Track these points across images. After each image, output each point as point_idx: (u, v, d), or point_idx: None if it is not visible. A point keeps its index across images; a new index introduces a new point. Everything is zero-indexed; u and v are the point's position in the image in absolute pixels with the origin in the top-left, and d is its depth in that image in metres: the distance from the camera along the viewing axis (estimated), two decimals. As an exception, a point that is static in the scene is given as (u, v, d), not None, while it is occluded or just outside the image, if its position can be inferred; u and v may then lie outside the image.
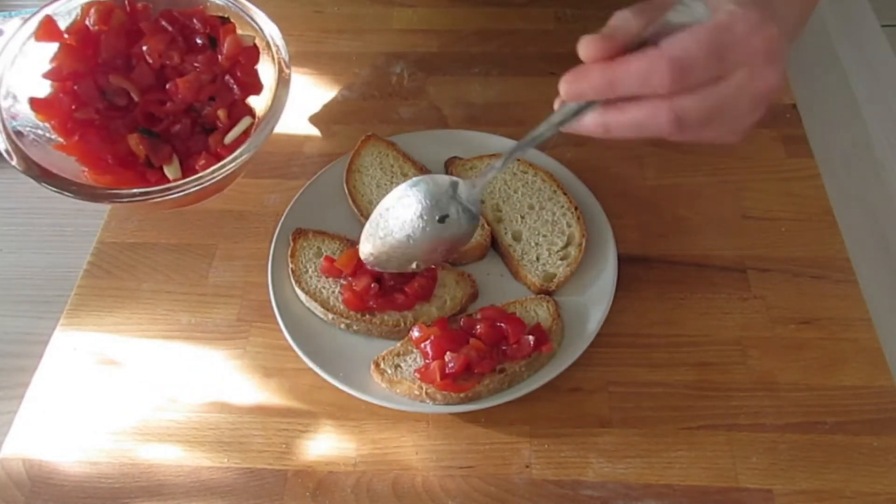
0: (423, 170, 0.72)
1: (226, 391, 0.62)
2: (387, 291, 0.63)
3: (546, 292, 0.64)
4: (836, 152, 0.77)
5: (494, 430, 0.59)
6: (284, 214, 0.69)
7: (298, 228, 0.68)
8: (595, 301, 0.63)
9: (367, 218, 0.68)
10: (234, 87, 0.68)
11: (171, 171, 0.65)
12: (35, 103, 0.64)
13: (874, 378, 0.60)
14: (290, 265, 0.66)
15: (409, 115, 0.81)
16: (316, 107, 0.82)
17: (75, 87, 0.64)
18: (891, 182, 0.75)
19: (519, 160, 0.72)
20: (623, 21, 0.47)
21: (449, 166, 0.73)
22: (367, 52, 0.87)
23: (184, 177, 0.64)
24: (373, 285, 0.62)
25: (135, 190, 0.62)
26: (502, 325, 0.60)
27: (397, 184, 0.70)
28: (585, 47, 0.48)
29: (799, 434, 0.58)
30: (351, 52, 0.87)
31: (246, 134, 0.68)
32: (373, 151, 0.73)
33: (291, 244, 0.67)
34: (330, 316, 0.63)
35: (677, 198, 0.72)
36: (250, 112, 0.69)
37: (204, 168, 0.64)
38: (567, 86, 0.49)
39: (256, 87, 0.69)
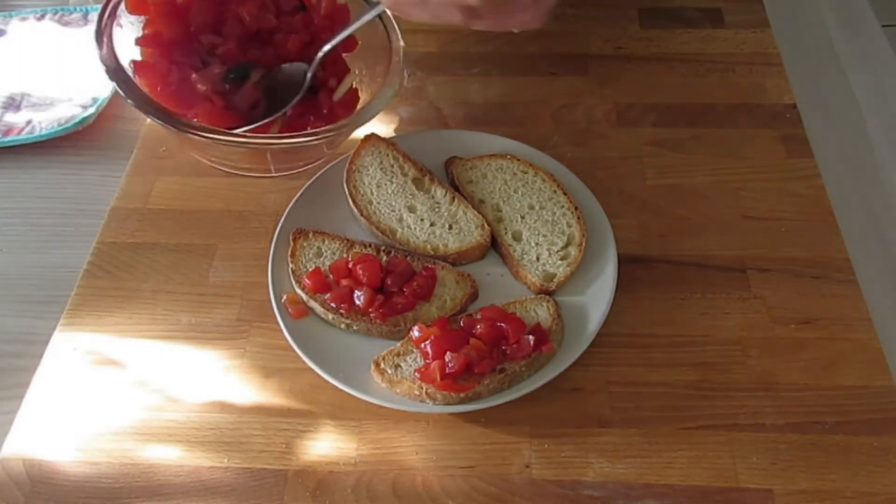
0: (423, 170, 0.72)
1: (226, 391, 0.62)
2: (388, 297, 0.63)
3: (546, 292, 0.64)
4: (836, 152, 0.77)
5: (494, 430, 0.59)
6: (284, 214, 0.69)
7: (298, 228, 0.68)
8: (595, 301, 0.63)
9: (367, 218, 0.69)
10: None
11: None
12: (137, 66, 0.65)
13: (874, 378, 0.60)
14: (290, 265, 0.66)
15: (409, 115, 0.81)
16: (316, 107, 0.82)
17: (171, 56, 0.65)
18: (891, 182, 0.75)
19: (519, 160, 0.72)
20: None
21: (449, 166, 0.73)
22: (367, 52, 0.87)
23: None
24: (378, 296, 0.62)
25: (240, 131, 0.63)
26: (502, 325, 0.60)
27: (397, 183, 0.71)
28: None
29: (799, 434, 0.58)
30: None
31: (352, 92, 0.69)
32: (373, 151, 0.73)
33: (291, 244, 0.67)
34: (330, 316, 0.63)
35: (677, 198, 0.72)
36: (348, 70, 0.70)
37: (315, 125, 0.65)
38: None
39: (352, 44, 0.71)
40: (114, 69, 0.63)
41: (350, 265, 0.64)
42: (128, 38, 0.67)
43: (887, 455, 0.57)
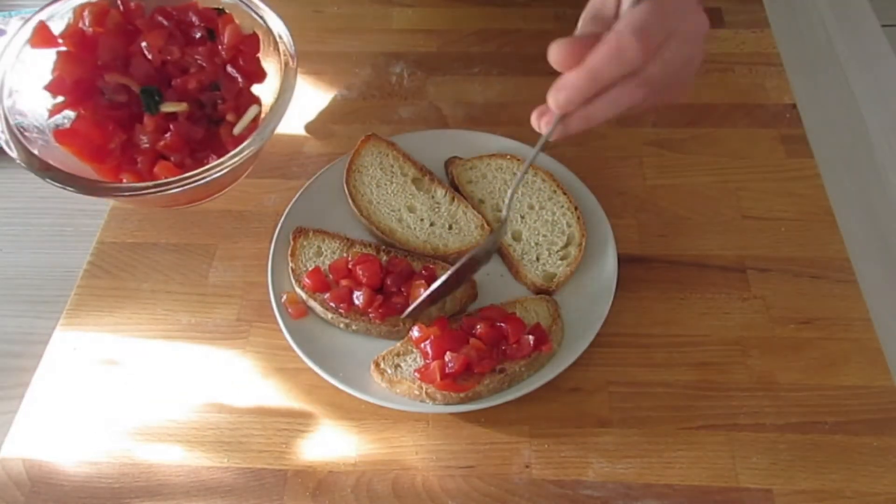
0: (423, 170, 0.72)
1: (226, 391, 0.62)
2: (387, 297, 0.63)
3: (546, 292, 0.64)
4: (836, 152, 0.77)
5: (494, 430, 0.59)
6: (284, 214, 0.69)
7: (299, 227, 0.68)
8: (595, 301, 0.63)
9: (366, 218, 0.69)
10: (238, 76, 0.68)
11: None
12: (57, 135, 0.64)
13: (874, 378, 0.60)
14: (291, 264, 0.66)
15: (409, 115, 0.81)
16: (316, 107, 0.82)
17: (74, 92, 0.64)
18: (891, 182, 0.75)
19: (519, 160, 0.72)
20: (582, 26, 0.53)
21: (449, 166, 0.73)
22: (367, 52, 0.87)
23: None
24: (377, 296, 0.62)
25: (138, 184, 0.62)
26: (502, 324, 0.60)
27: (397, 183, 0.71)
28: (555, 52, 0.52)
29: (799, 434, 0.58)
30: (351, 52, 0.87)
31: (255, 124, 0.68)
32: (373, 151, 0.73)
33: (292, 243, 0.67)
34: (329, 315, 0.63)
35: (677, 198, 0.72)
36: (256, 101, 0.69)
37: (213, 160, 0.64)
38: (556, 96, 0.53)
39: (260, 76, 0.70)
40: (19, 149, 0.62)
41: (350, 265, 0.64)
42: (30, 79, 0.66)
43: (887, 455, 0.57)
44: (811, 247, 0.68)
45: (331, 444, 0.59)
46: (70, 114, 0.66)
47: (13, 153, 0.62)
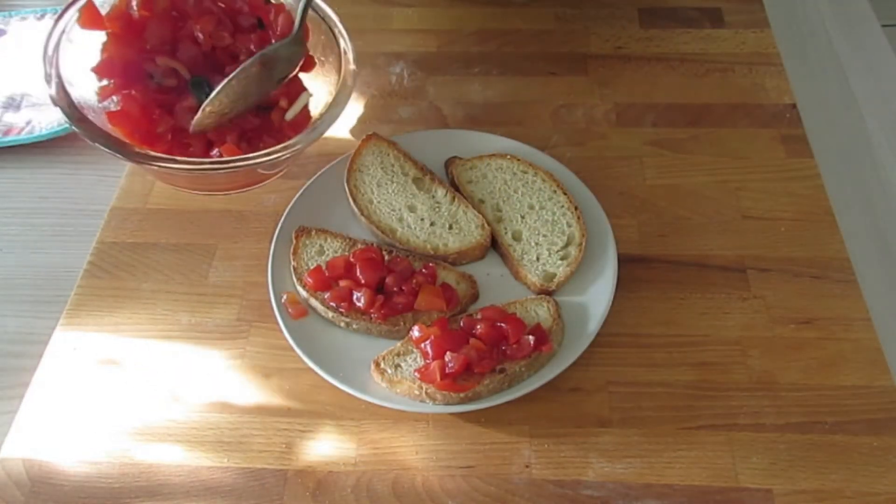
0: (423, 169, 0.72)
1: (226, 391, 0.62)
2: (388, 297, 0.63)
3: (546, 292, 0.64)
4: (836, 152, 0.77)
5: (494, 430, 0.59)
6: (285, 214, 0.69)
7: (301, 226, 0.68)
8: (595, 301, 0.63)
9: (367, 217, 0.69)
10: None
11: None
12: (110, 116, 0.64)
13: (874, 378, 0.60)
14: (293, 262, 0.66)
15: (409, 115, 0.81)
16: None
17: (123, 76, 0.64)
18: (891, 182, 0.75)
19: (518, 160, 0.72)
20: None
21: (449, 166, 0.73)
22: (367, 52, 0.87)
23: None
24: (378, 296, 0.62)
25: (187, 159, 0.62)
26: (502, 325, 0.60)
27: (398, 183, 0.71)
28: None
29: (799, 434, 0.58)
30: (351, 52, 0.87)
31: (305, 111, 0.68)
32: (373, 151, 0.73)
33: (294, 242, 0.67)
34: (330, 314, 0.63)
35: (677, 198, 0.72)
36: (305, 89, 0.69)
37: (268, 145, 0.64)
38: None
39: (309, 65, 0.70)
40: (68, 109, 0.62)
41: (350, 260, 0.64)
42: (79, 56, 0.65)
43: (887, 455, 0.57)
44: (811, 247, 0.68)
45: (331, 444, 0.59)
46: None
47: (71, 124, 0.61)
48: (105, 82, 0.65)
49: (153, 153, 0.62)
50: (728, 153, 0.76)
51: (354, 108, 0.82)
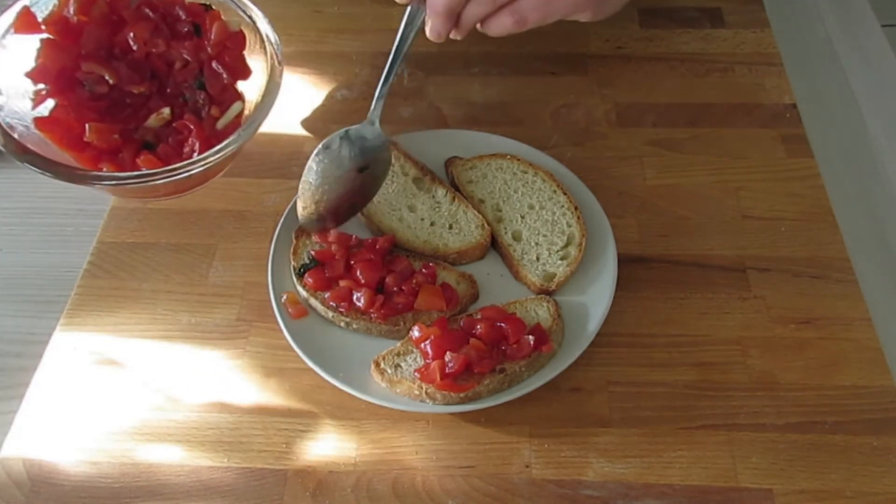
0: (423, 169, 0.72)
1: (226, 391, 0.62)
2: (388, 297, 0.63)
3: (546, 292, 0.64)
4: (836, 152, 0.77)
5: (494, 430, 0.59)
6: (285, 214, 0.69)
7: (301, 226, 0.68)
8: (595, 301, 0.63)
9: (367, 217, 0.69)
10: (223, 73, 0.68)
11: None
12: (38, 122, 0.64)
13: (874, 378, 0.60)
14: (293, 262, 0.66)
15: (409, 115, 0.81)
16: (316, 106, 0.82)
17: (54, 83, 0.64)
18: (891, 182, 0.75)
19: (518, 160, 0.72)
20: None
21: (449, 166, 0.73)
22: (367, 52, 0.87)
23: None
24: (378, 296, 0.62)
25: (119, 173, 0.62)
26: (502, 325, 0.60)
27: (398, 183, 0.71)
28: None
29: (799, 434, 0.58)
30: (351, 52, 0.87)
31: (238, 120, 0.68)
32: (373, 151, 0.73)
33: (294, 241, 0.67)
34: (330, 314, 0.63)
35: (677, 198, 0.72)
36: (240, 97, 0.69)
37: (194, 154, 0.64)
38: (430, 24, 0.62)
39: (245, 72, 0.70)
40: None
41: (348, 258, 0.65)
42: (12, 63, 0.65)
43: (887, 455, 0.57)
44: (811, 247, 0.68)
45: (331, 444, 0.59)
46: (51, 102, 0.65)
47: None
48: (40, 87, 0.65)
49: (82, 170, 0.63)
50: (728, 153, 0.76)
51: (355, 109, 0.82)
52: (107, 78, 0.65)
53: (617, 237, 0.67)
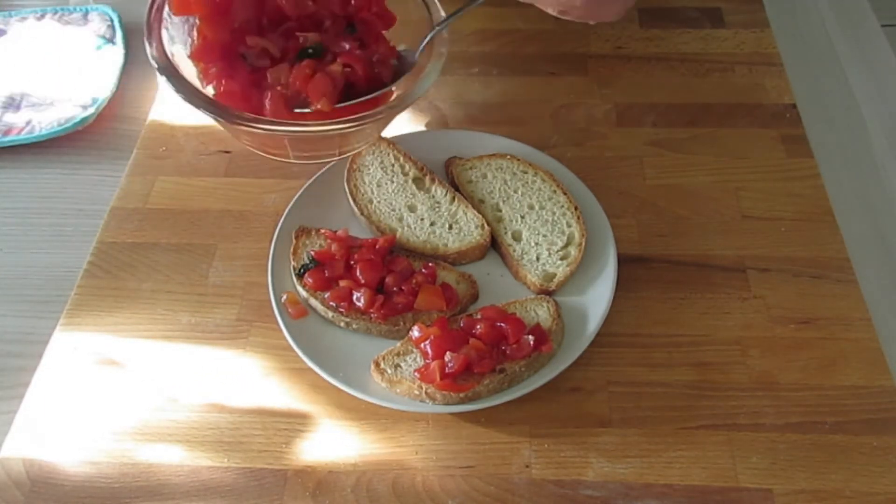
0: (423, 169, 0.72)
1: (226, 391, 0.62)
2: (388, 297, 0.63)
3: (546, 292, 0.64)
4: (836, 152, 0.77)
5: (494, 430, 0.59)
6: (285, 214, 0.69)
7: (301, 226, 0.68)
8: (595, 301, 0.63)
9: (367, 217, 0.69)
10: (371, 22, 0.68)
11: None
12: (217, 97, 0.64)
13: (874, 378, 0.60)
14: (293, 262, 0.66)
15: (409, 114, 0.81)
16: (316, 107, 0.82)
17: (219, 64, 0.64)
18: (891, 182, 0.75)
19: (518, 160, 0.72)
20: None
21: (449, 166, 0.73)
22: (367, 52, 0.86)
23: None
24: (378, 296, 0.62)
25: (294, 121, 0.61)
26: (502, 325, 0.60)
27: (398, 183, 0.71)
28: None
29: (799, 434, 0.58)
30: (351, 52, 0.87)
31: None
32: (373, 151, 0.73)
33: (294, 241, 0.67)
34: (330, 314, 0.63)
35: (677, 198, 0.72)
36: (394, 52, 0.69)
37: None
38: None
39: (390, 18, 0.69)
40: (164, 66, 0.63)
41: (348, 261, 0.64)
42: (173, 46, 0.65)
43: (887, 455, 0.57)
44: (811, 247, 0.68)
45: (331, 444, 0.59)
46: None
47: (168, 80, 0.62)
48: (204, 66, 0.65)
49: (254, 116, 0.62)
50: (728, 153, 0.76)
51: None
52: (269, 49, 0.64)
53: (617, 237, 0.67)
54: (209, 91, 0.64)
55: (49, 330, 0.66)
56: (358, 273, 0.63)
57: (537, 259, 0.66)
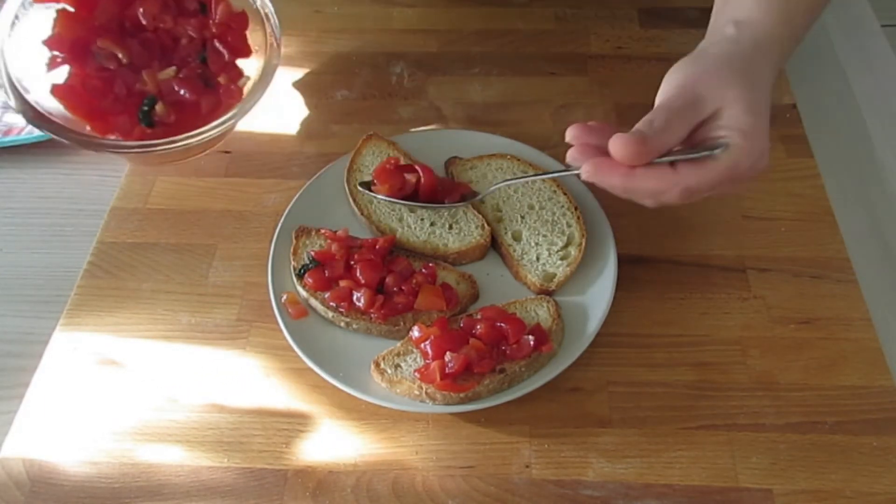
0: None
1: (226, 391, 0.62)
2: (388, 297, 0.63)
3: (546, 292, 0.64)
4: (836, 152, 0.77)
5: (494, 430, 0.59)
6: (285, 214, 0.69)
7: (301, 226, 0.68)
8: (595, 301, 0.63)
9: (367, 217, 0.69)
10: (224, 51, 0.72)
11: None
12: (55, 90, 0.68)
13: (874, 378, 0.60)
14: (293, 262, 0.66)
15: (409, 115, 0.81)
16: (316, 107, 0.82)
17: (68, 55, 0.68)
18: (891, 182, 0.75)
19: (519, 160, 0.72)
20: (659, 129, 0.51)
21: (449, 166, 0.73)
22: (367, 52, 0.87)
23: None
24: (378, 297, 0.62)
25: (124, 142, 0.67)
26: (502, 325, 0.60)
27: (397, 184, 0.71)
28: (617, 149, 0.51)
29: (799, 434, 0.58)
30: (351, 52, 0.87)
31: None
32: (374, 151, 0.73)
33: (294, 242, 0.67)
34: (330, 314, 0.63)
35: (677, 198, 0.72)
36: (241, 75, 0.73)
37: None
38: (589, 173, 0.53)
39: (246, 51, 0.74)
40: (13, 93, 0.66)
41: (349, 261, 0.64)
42: (31, 28, 0.68)
43: (887, 455, 0.57)
44: (811, 247, 0.68)
45: (331, 444, 0.59)
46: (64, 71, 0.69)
47: (11, 101, 0.65)
48: (55, 54, 0.69)
49: (94, 137, 0.68)
50: (728, 153, 0.76)
51: (355, 109, 0.82)
52: (119, 55, 0.68)
53: (617, 237, 0.67)
54: (51, 79, 0.68)
55: (49, 330, 0.66)
56: (358, 273, 0.63)
57: (537, 259, 0.66)
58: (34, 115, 0.65)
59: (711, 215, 0.71)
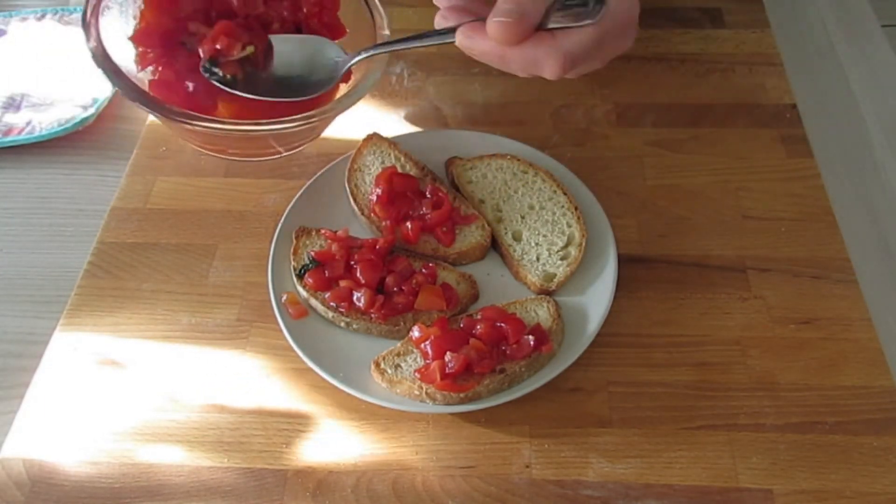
0: (423, 169, 0.72)
1: (226, 391, 0.62)
2: (388, 297, 0.63)
3: (546, 292, 0.64)
4: (836, 152, 0.77)
5: (494, 430, 0.59)
6: (285, 214, 0.69)
7: (301, 227, 0.68)
8: (595, 301, 0.63)
9: (367, 217, 0.69)
10: (319, 31, 0.70)
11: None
12: (151, 85, 0.65)
13: (874, 378, 0.60)
14: (293, 262, 0.66)
15: (409, 114, 0.81)
16: (316, 107, 0.82)
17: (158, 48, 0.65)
18: (891, 182, 0.75)
19: (519, 160, 0.72)
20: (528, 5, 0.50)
21: (449, 166, 0.73)
22: (367, 52, 0.86)
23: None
24: (379, 297, 0.62)
25: (224, 120, 0.62)
26: (502, 325, 0.60)
27: (397, 184, 0.70)
28: (494, 31, 0.51)
29: (799, 434, 0.58)
30: (351, 52, 0.87)
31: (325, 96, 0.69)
32: (374, 150, 0.73)
33: (294, 242, 0.67)
34: (331, 314, 0.63)
35: (677, 198, 0.72)
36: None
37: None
38: (461, 41, 0.53)
39: (340, 31, 0.71)
40: (102, 59, 0.63)
41: (348, 260, 0.64)
42: (116, 24, 0.66)
43: (887, 455, 0.57)
44: (811, 247, 0.68)
45: (331, 444, 0.59)
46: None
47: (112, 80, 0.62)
48: (143, 50, 0.66)
49: (190, 113, 0.63)
50: (728, 153, 0.76)
51: (355, 108, 0.81)
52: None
53: (617, 237, 0.67)
54: (145, 75, 0.65)
55: (49, 330, 0.66)
56: (358, 273, 0.63)
57: (537, 259, 0.66)
58: (132, 90, 0.62)
59: (711, 215, 0.71)
